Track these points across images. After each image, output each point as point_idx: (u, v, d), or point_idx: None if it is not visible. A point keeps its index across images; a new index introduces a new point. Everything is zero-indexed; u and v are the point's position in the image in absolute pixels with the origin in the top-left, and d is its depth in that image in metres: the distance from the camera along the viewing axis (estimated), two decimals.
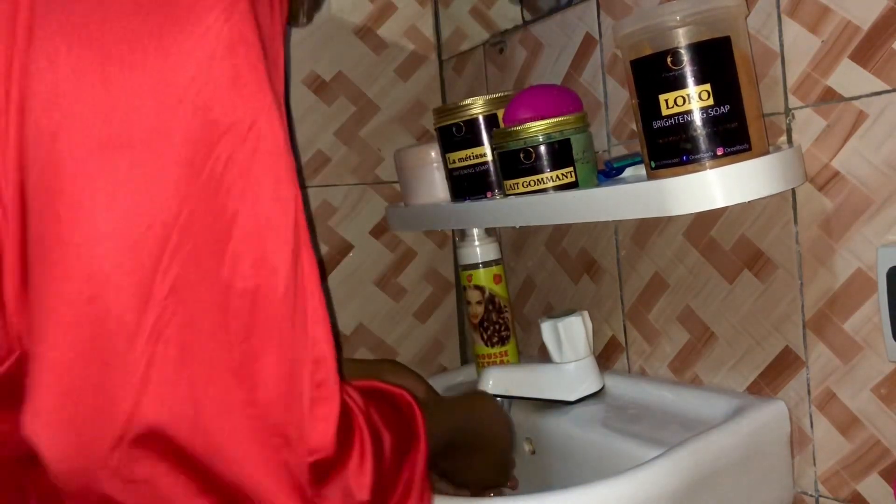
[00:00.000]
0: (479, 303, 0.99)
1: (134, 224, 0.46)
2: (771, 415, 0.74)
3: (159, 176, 0.46)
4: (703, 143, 0.66)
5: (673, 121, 0.66)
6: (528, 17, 0.99)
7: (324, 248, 1.07)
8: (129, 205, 0.46)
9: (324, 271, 1.07)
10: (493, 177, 0.89)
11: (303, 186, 1.05)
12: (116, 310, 0.45)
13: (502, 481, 0.84)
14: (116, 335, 0.46)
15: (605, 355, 0.96)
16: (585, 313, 0.88)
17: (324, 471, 0.51)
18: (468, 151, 0.89)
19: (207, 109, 0.47)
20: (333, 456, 0.51)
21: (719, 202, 0.65)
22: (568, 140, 0.79)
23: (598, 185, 0.79)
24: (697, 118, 0.65)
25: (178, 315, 0.47)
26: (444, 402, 0.84)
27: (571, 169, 0.79)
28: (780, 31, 0.71)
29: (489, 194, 0.89)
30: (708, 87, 0.65)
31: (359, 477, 0.53)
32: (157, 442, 0.47)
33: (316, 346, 0.51)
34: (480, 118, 0.88)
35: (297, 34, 1.04)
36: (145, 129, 0.46)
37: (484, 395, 0.87)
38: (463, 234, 1.01)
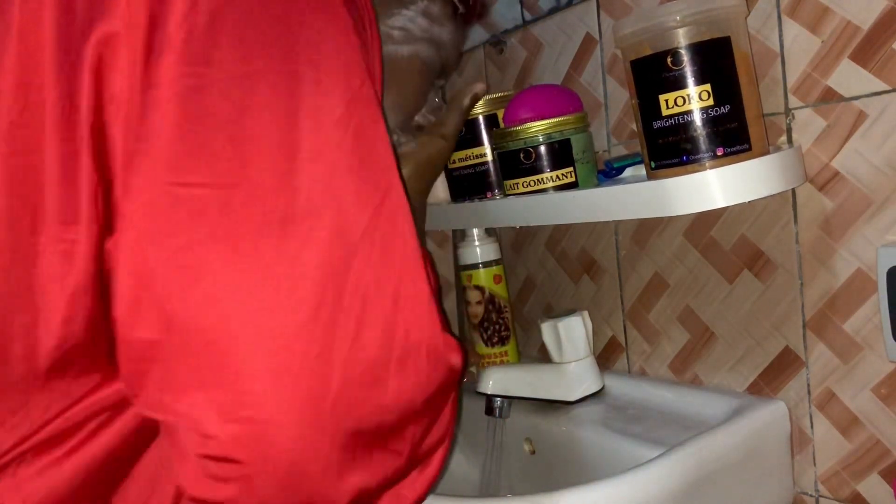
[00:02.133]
0: (479, 303, 0.99)
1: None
2: (771, 415, 0.74)
3: (327, 244, 0.50)
4: (703, 144, 0.66)
5: (673, 121, 0.66)
6: (528, 17, 0.99)
7: None
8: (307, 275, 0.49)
9: None
10: (493, 177, 0.89)
11: None
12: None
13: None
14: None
15: (605, 355, 0.96)
16: (585, 313, 0.88)
17: None
18: (468, 151, 0.89)
19: None
20: None
21: (719, 202, 0.65)
22: (568, 140, 0.79)
23: (598, 185, 0.79)
24: (697, 118, 0.65)
25: None
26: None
27: (571, 169, 0.79)
28: (780, 31, 0.71)
29: (489, 194, 0.89)
30: (708, 87, 0.65)
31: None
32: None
33: None
34: (480, 118, 0.88)
35: None
36: (308, 210, 0.49)
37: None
38: (463, 234, 1.01)
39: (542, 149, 0.79)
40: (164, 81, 0.48)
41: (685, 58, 0.65)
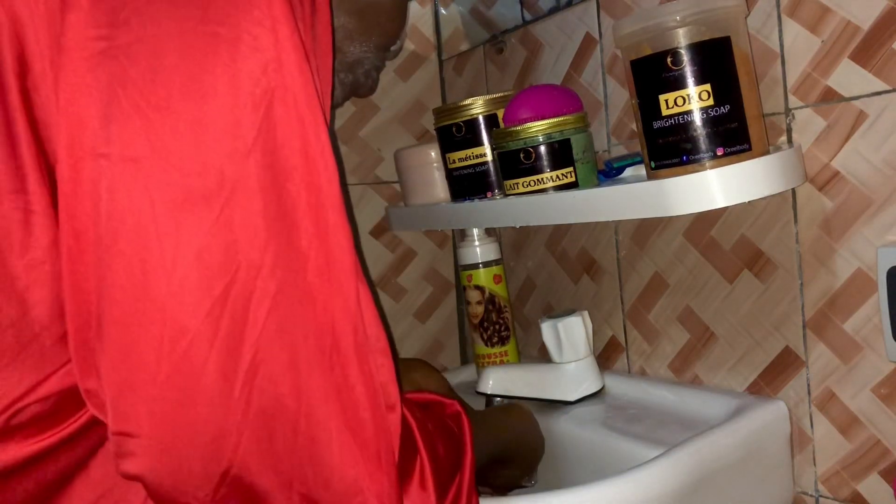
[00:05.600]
0: (479, 303, 0.99)
1: (218, 275, 0.47)
2: (771, 415, 0.74)
3: (241, 227, 0.47)
4: (703, 144, 0.66)
5: (673, 121, 0.66)
6: (528, 17, 0.99)
7: None
8: (213, 258, 0.47)
9: None
10: (493, 177, 0.89)
11: None
12: (206, 359, 0.47)
13: (525, 483, 0.85)
14: (210, 382, 0.47)
15: (605, 355, 0.96)
16: (585, 313, 0.88)
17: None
18: (468, 151, 0.89)
19: (275, 154, 0.48)
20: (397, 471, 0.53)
21: (719, 202, 0.65)
22: (568, 140, 0.79)
23: (598, 185, 0.79)
24: (697, 118, 0.65)
25: (269, 358, 0.48)
26: (487, 415, 0.84)
27: (571, 169, 0.79)
28: (780, 31, 0.71)
29: (489, 194, 0.89)
30: (708, 87, 0.65)
31: (422, 495, 0.55)
32: (243, 480, 0.49)
33: (381, 369, 0.53)
34: (480, 118, 0.88)
35: None
36: (221, 184, 0.47)
37: (521, 408, 0.87)
38: (463, 234, 1.01)
39: (542, 149, 0.79)
40: (72, 45, 0.46)
41: (685, 58, 0.65)
